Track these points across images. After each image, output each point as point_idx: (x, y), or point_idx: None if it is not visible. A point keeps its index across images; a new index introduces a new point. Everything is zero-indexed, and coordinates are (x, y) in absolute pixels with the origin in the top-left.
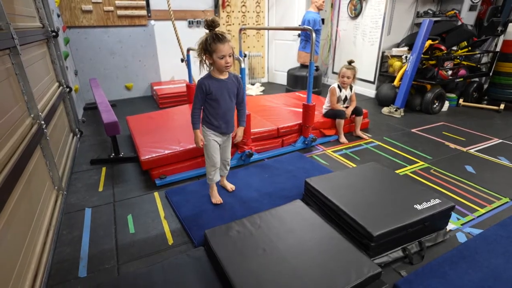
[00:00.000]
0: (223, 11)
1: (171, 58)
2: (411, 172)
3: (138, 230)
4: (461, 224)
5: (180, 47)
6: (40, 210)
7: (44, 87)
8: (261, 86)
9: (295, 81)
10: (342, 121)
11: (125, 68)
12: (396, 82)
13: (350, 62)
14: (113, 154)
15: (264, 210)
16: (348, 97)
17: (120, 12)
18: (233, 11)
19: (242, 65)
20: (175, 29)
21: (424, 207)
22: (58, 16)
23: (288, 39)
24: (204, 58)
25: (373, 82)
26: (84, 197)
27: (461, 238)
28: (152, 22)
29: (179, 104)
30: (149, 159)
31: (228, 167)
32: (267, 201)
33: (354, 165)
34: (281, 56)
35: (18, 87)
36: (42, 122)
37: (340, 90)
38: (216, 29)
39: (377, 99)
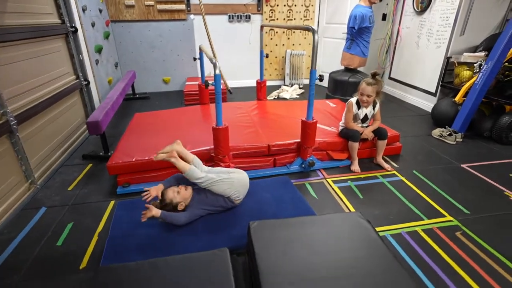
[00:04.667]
0: (267, 5)
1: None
2: (423, 230)
3: (66, 243)
4: None
5: (210, 44)
6: None
7: (36, 82)
8: (300, 88)
9: (335, 86)
10: (356, 144)
11: (163, 62)
12: (458, 98)
13: (374, 75)
14: (103, 152)
15: (180, 254)
16: (369, 116)
17: (160, 6)
18: (277, 5)
19: (217, 71)
20: (205, 24)
21: None
22: (100, 11)
23: (337, 37)
24: None
25: (434, 94)
26: (50, 195)
27: None
28: (192, 16)
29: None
30: (115, 165)
31: None
32: (205, 239)
33: (350, 206)
34: (329, 55)
35: None
36: (12, 118)
37: (359, 107)
38: None
39: (432, 116)
